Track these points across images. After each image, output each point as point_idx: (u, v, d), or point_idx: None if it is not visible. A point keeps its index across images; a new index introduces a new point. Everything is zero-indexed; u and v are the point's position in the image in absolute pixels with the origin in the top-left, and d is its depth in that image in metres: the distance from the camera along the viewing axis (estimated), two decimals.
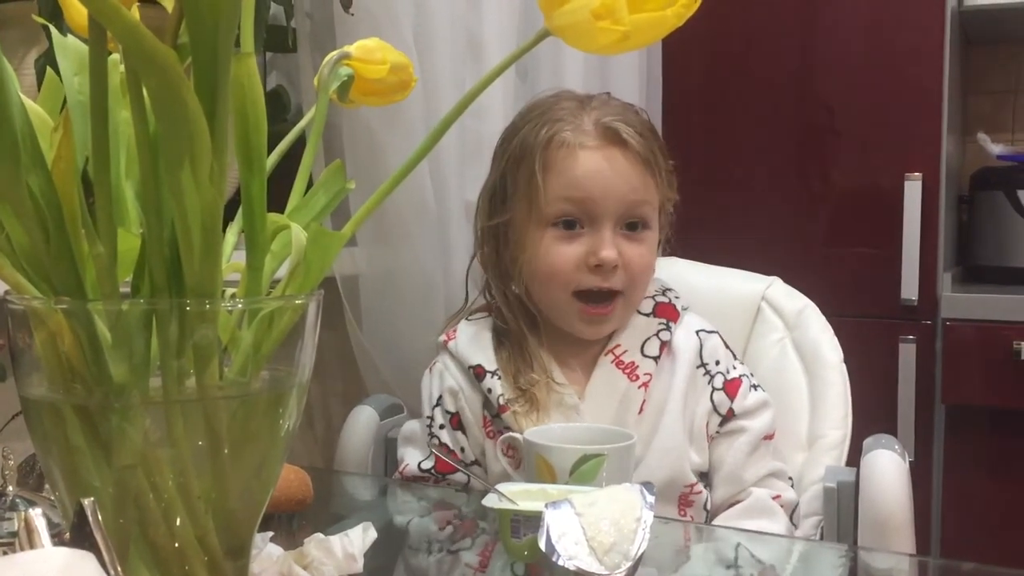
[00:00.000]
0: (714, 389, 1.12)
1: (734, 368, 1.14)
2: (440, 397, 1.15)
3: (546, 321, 1.14)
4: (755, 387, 1.14)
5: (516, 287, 1.13)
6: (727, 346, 1.16)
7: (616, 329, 1.13)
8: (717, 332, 1.16)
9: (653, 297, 1.16)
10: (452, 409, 1.14)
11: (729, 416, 1.11)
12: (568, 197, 1.08)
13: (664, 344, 1.12)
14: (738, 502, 1.10)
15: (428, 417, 1.16)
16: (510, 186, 1.12)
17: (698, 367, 1.12)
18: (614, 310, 1.11)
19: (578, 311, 1.10)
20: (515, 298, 1.14)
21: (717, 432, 1.12)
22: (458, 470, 1.12)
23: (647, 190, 1.10)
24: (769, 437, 1.12)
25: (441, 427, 1.14)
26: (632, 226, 1.11)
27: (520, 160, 1.11)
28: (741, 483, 1.10)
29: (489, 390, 1.11)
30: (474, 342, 1.15)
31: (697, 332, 1.14)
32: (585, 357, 1.14)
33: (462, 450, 1.13)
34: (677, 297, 1.18)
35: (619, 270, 1.09)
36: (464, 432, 1.14)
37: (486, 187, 1.17)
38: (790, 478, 1.14)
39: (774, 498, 1.09)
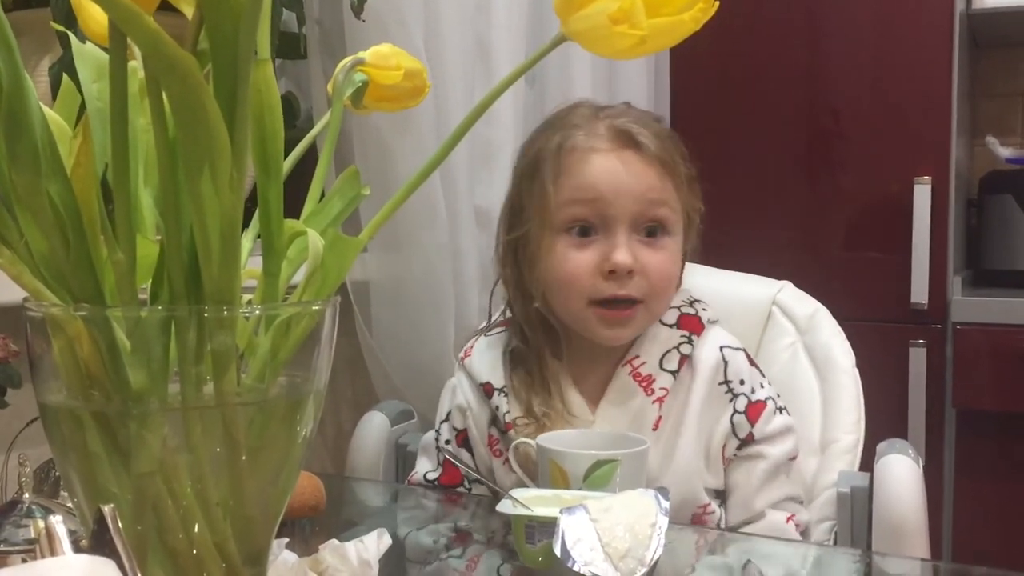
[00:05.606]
0: (735, 411, 1.07)
1: (761, 387, 1.09)
2: (450, 413, 1.15)
3: (567, 337, 1.11)
4: (780, 410, 1.09)
5: (537, 303, 1.09)
6: (753, 364, 1.11)
7: (637, 337, 1.09)
8: (743, 350, 1.11)
9: (679, 308, 1.11)
10: (459, 426, 1.14)
11: (748, 440, 1.06)
12: (579, 199, 1.04)
13: (684, 358, 1.07)
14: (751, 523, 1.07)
15: (437, 431, 1.16)
16: (525, 198, 1.09)
17: (720, 384, 1.07)
18: (634, 314, 1.06)
19: (596, 315, 1.05)
20: (536, 315, 1.10)
21: (734, 455, 1.07)
22: (462, 484, 1.12)
23: (664, 191, 1.05)
24: (792, 458, 1.09)
25: (447, 442, 1.14)
26: (651, 232, 1.05)
27: (533, 170, 1.08)
28: (753, 510, 1.06)
29: (497, 407, 1.10)
30: (487, 360, 1.13)
31: (721, 348, 1.09)
32: (603, 373, 1.09)
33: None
34: (704, 309, 1.13)
35: (636, 277, 1.04)
36: (470, 451, 1.13)
37: (505, 203, 1.14)
38: (801, 502, 1.11)
39: (788, 518, 1.06)
